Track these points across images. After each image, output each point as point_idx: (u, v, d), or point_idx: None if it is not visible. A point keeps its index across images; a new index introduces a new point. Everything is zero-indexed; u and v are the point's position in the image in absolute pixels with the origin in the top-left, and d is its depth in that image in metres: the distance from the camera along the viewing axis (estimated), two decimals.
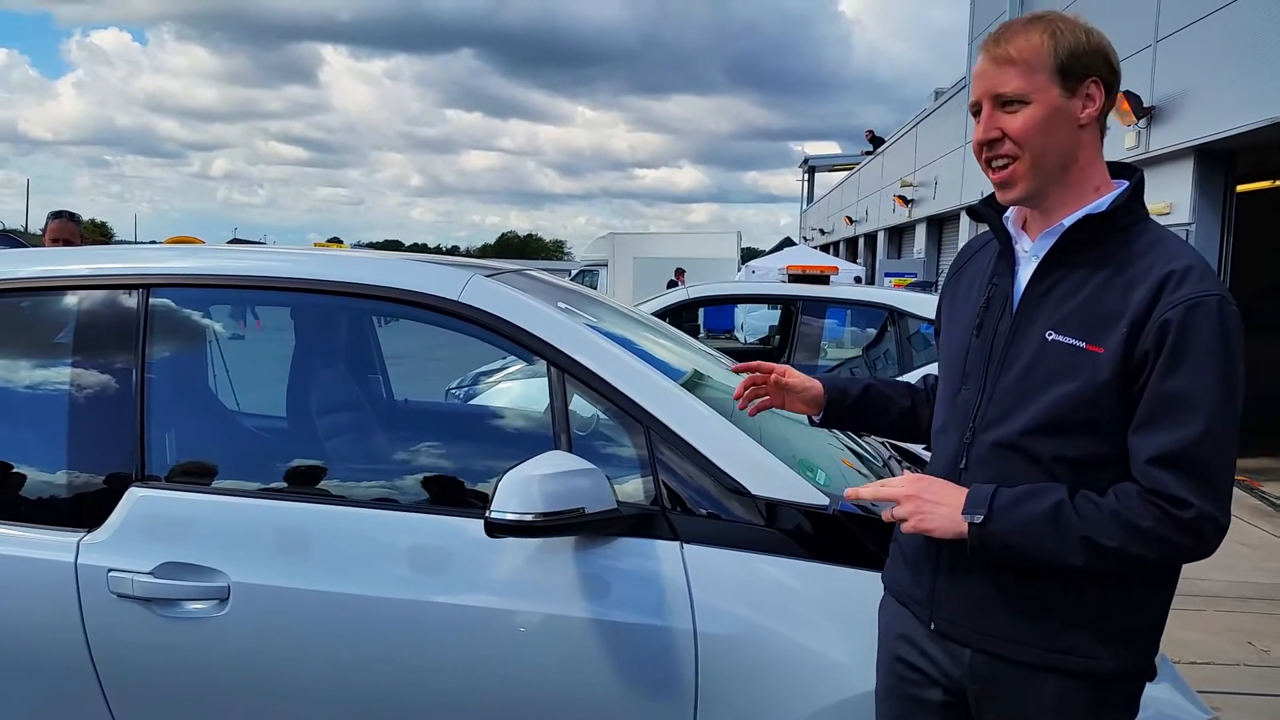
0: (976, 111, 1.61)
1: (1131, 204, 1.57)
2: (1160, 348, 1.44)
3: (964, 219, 18.70)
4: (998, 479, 1.55)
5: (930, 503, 1.55)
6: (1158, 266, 1.48)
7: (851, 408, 1.98)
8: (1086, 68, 1.53)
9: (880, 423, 2.02)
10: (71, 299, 2.39)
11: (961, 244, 2.13)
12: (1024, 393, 1.55)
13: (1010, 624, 1.56)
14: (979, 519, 1.50)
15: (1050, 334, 1.53)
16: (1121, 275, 1.51)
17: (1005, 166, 1.57)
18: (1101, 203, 1.57)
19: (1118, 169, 1.64)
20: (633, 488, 2.12)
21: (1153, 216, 1.62)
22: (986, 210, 1.70)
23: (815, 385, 1.99)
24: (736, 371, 2.05)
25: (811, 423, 2.03)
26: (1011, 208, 1.68)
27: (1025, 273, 1.62)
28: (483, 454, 2.75)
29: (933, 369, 1.93)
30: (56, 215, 5.40)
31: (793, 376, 1.99)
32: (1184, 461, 1.43)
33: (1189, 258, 1.50)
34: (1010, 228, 1.67)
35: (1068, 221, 1.56)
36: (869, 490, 1.65)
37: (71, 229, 5.31)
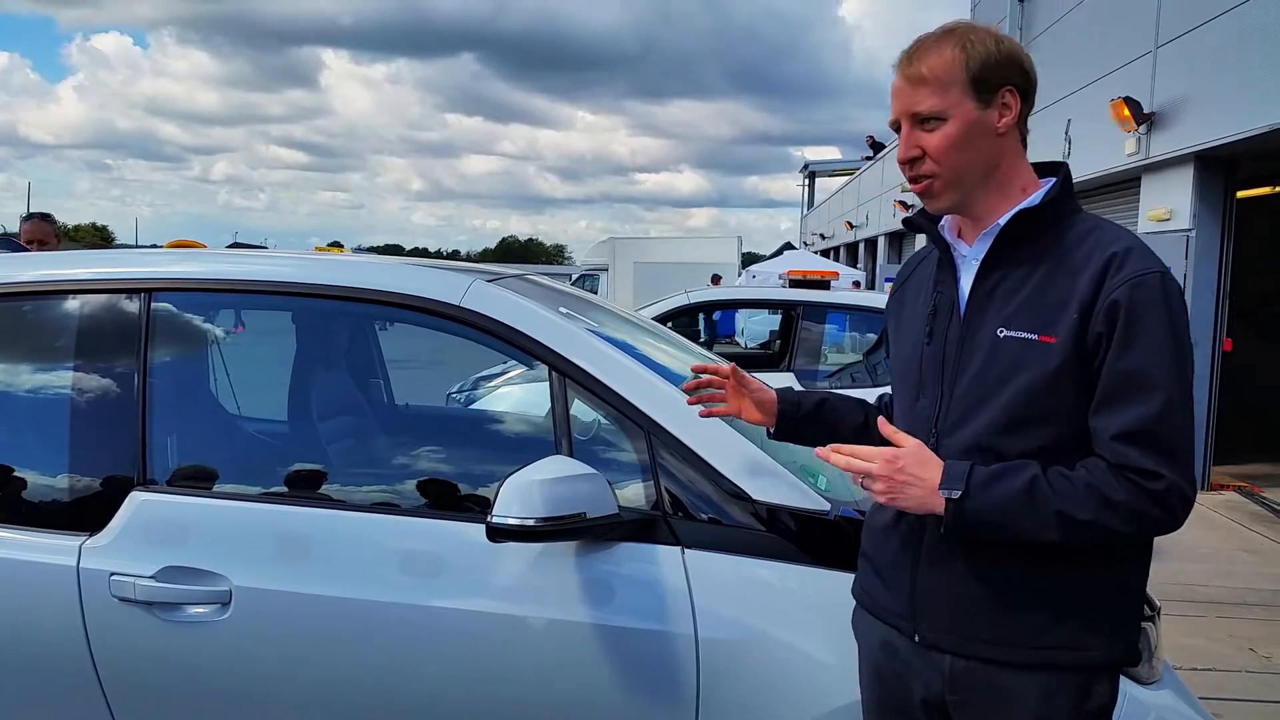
0: (896, 128, 1.64)
1: (1062, 197, 1.60)
2: (1112, 328, 1.47)
3: None
4: None
5: (906, 476, 1.53)
6: (1098, 251, 1.52)
7: (804, 419, 1.99)
8: (1000, 78, 1.56)
9: (832, 438, 1.92)
10: (74, 303, 2.39)
11: None
12: (982, 392, 1.56)
13: (995, 625, 1.55)
14: (957, 494, 1.50)
15: (1001, 331, 1.55)
16: (1062, 265, 1.54)
17: (925, 181, 1.61)
18: (1034, 198, 1.60)
19: (1045, 168, 1.67)
20: (634, 493, 2.12)
21: (1151, 223, 1.63)
22: (922, 220, 1.72)
23: (770, 393, 2.01)
24: (695, 372, 2.06)
25: (768, 434, 2.03)
26: (946, 216, 1.71)
27: (968, 276, 1.64)
28: (484, 459, 2.75)
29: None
30: (29, 217, 5.52)
31: (746, 376, 2.01)
32: (1149, 436, 1.45)
33: (1127, 240, 1.54)
34: (947, 235, 1.70)
35: (1003, 220, 1.59)
36: (842, 458, 1.58)
37: (45, 229, 5.34)
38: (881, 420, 1.67)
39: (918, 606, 1.62)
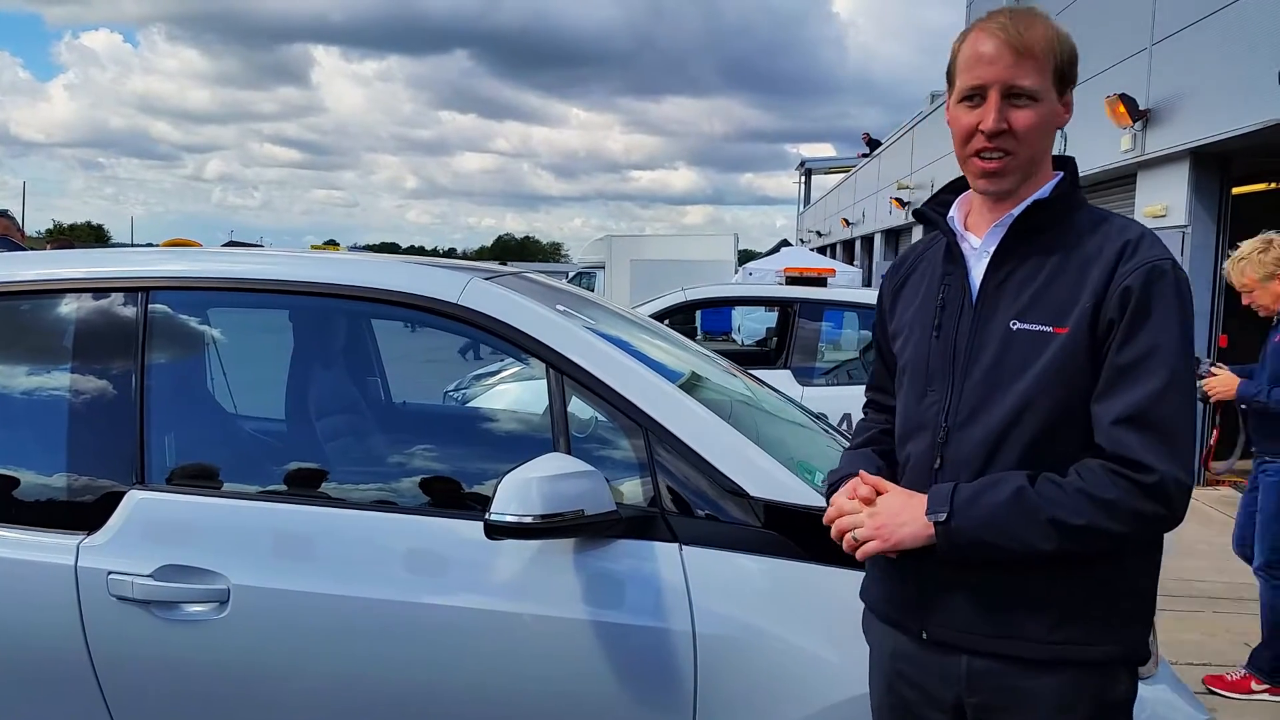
0: (971, 96, 1.57)
1: (1071, 189, 1.61)
2: (1123, 314, 1.47)
3: None
4: (976, 473, 1.54)
5: (891, 515, 1.55)
6: (1110, 240, 1.53)
7: None
8: (1073, 77, 1.58)
9: None
10: (71, 302, 2.39)
11: None
12: (994, 384, 1.55)
13: (1007, 622, 1.54)
14: (942, 517, 1.50)
15: (1014, 323, 1.55)
16: (1074, 256, 1.54)
17: (1000, 158, 1.56)
18: (1044, 190, 1.60)
19: (1054, 161, 1.67)
20: (631, 490, 2.13)
21: (1147, 219, 1.64)
22: (930, 211, 1.72)
23: None
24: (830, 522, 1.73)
25: None
26: (954, 208, 1.71)
27: (978, 268, 1.63)
28: (482, 456, 2.76)
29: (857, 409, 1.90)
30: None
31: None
32: (1147, 420, 1.45)
33: (1138, 229, 1.55)
34: (955, 227, 1.68)
35: (1016, 212, 1.59)
36: (835, 526, 1.64)
37: (5, 224, 5.68)
38: (862, 473, 1.67)
39: (926, 603, 1.61)
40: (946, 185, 1.77)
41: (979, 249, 1.64)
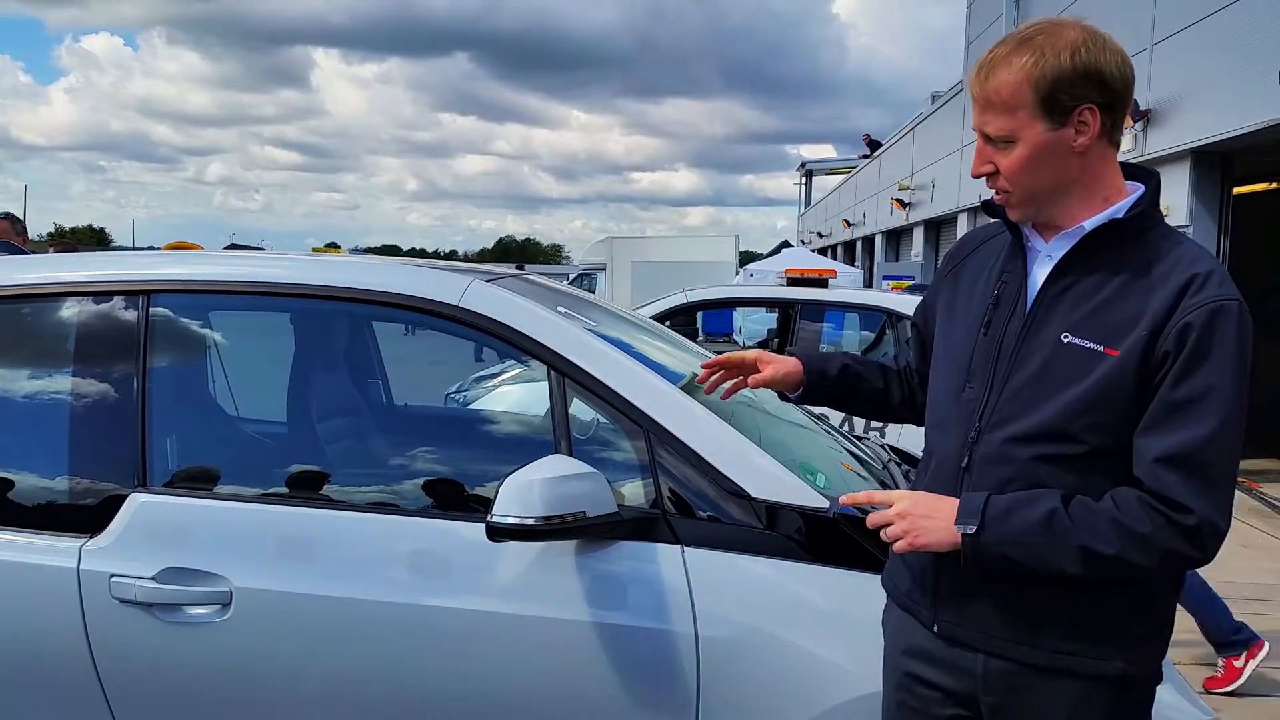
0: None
1: (1150, 209, 1.56)
2: (1180, 350, 1.43)
3: (961, 221, 18.71)
4: (1002, 479, 1.53)
5: (922, 517, 1.54)
6: (1177, 271, 1.48)
7: (828, 385, 1.96)
8: (1074, 96, 1.48)
9: (853, 401, 2.02)
10: (73, 305, 2.39)
11: None
12: (1036, 394, 1.53)
13: (1018, 626, 1.54)
14: (972, 529, 1.48)
15: (1066, 336, 1.52)
16: (1139, 280, 1.50)
17: (1003, 195, 1.58)
18: (1120, 208, 1.54)
19: (1133, 171, 1.62)
20: (633, 491, 2.13)
21: None
22: (1000, 207, 1.67)
23: (793, 370, 1.95)
24: (706, 368, 2.03)
25: (783, 398, 2.02)
26: None
27: (1039, 273, 1.60)
28: (483, 458, 2.76)
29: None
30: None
31: (768, 370, 1.95)
32: (1191, 462, 1.42)
33: (1210, 263, 1.50)
34: (1024, 226, 1.65)
35: (1089, 225, 1.54)
36: (863, 494, 1.67)
37: (4, 227, 5.66)
38: (846, 496, 1.71)
39: (940, 599, 1.61)
40: None
41: (1043, 252, 1.61)
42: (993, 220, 1.75)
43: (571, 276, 22.53)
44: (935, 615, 1.63)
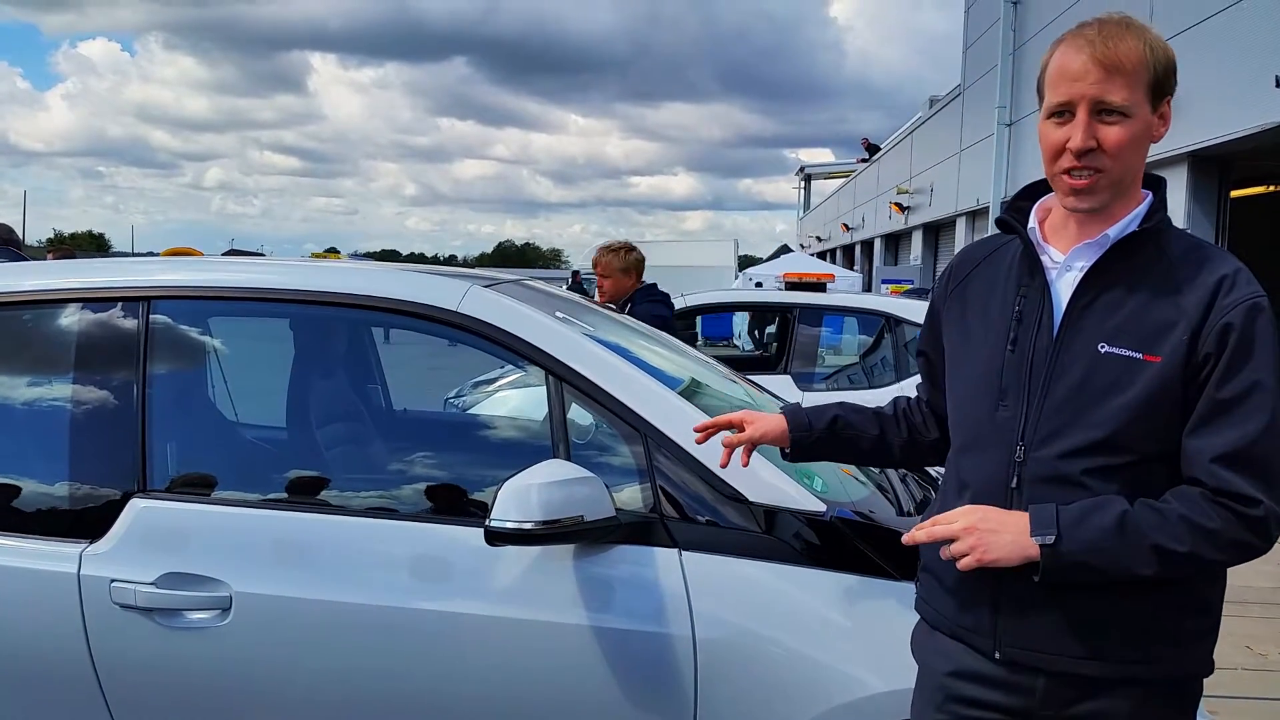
0: (1059, 112, 1.52)
1: (1163, 213, 1.56)
2: (1222, 350, 1.44)
3: (960, 225, 18.74)
4: (1057, 495, 1.51)
5: (989, 532, 1.49)
6: (1205, 272, 1.49)
7: (818, 442, 1.89)
8: (1170, 86, 1.51)
9: (849, 454, 1.96)
10: (73, 312, 2.40)
11: (957, 250, 2.09)
12: (1079, 407, 1.51)
13: (1085, 640, 1.51)
14: (1050, 539, 1.45)
15: (1103, 346, 1.50)
16: (1166, 284, 1.50)
17: (1090, 176, 1.51)
18: (1137, 214, 1.55)
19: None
20: (631, 495, 2.14)
21: None
22: (1012, 220, 1.66)
23: (776, 428, 1.89)
24: (699, 430, 1.97)
25: (782, 455, 1.94)
26: (1032, 217, 1.65)
27: (1061, 283, 1.58)
28: (482, 463, 2.77)
29: (910, 386, 1.91)
30: None
31: (749, 429, 1.90)
32: (1249, 457, 1.43)
33: (1232, 261, 1.52)
34: (1036, 239, 1.62)
35: (1113, 233, 1.53)
36: (924, 532, 1.57)
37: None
38: (907, 536, 1.62)
39: (1001, 623, 1.56)
40: (1021, 191, 1.71)
41: (1061, 264, 1.59)
42: (994, 234, 1.75)
43: (569, 281, 22.53)
44: (997, 641, 1.57)
